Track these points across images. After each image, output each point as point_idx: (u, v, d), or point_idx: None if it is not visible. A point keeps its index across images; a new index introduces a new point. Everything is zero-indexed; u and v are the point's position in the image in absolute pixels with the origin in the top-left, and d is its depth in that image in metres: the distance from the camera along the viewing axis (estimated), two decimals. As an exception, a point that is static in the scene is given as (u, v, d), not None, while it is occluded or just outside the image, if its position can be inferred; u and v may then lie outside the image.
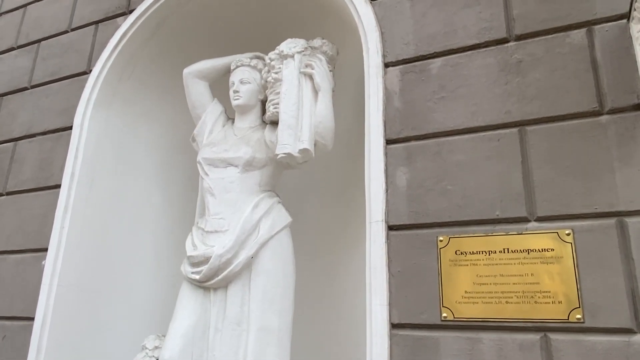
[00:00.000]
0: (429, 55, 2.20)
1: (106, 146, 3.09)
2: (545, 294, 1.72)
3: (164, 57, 3.26)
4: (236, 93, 2.79)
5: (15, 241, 3.01)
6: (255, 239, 2.43)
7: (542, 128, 1.90)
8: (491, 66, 2.06)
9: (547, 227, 1.80)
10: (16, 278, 2.92)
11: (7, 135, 3.39)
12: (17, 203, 3.12)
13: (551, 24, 2.01)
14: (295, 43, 2.68)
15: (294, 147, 2.47)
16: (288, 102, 2.54)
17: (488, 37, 2.11)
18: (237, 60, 2.87)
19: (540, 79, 1.96)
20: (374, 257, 2.01)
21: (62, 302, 2.73)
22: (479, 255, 1.85)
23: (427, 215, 1.99)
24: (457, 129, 2.04)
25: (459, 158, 2.00)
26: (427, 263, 1.93)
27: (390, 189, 2.09)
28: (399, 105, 2.20)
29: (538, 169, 1.86)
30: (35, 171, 3.13)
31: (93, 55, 3.24)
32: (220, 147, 2.70)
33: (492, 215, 1.88)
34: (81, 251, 2.86)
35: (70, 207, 2.85)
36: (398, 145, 2.14)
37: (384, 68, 2.29)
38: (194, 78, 2.91)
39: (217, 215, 2.54)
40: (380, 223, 2.04)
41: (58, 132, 3.14)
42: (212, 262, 2.38)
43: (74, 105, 3.12)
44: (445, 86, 2.12)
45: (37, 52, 3.56)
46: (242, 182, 2.59)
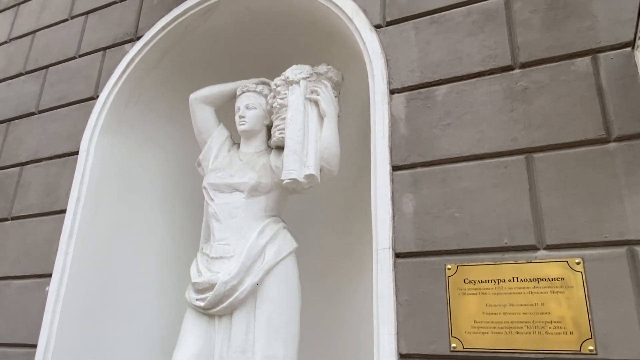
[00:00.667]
0: (434, 82, 2.22)
1: (111, 171, 3.10)
2: (556, 325, 1.70)
3: (170, 83, 3.30)
4: (242, 118, 2.81)
5: (20, 266, 3.00)
6: (261, 265, 2.42)
7: (549, 155, 1.90)
8: (496, 93, 2.07)
9: (556, 255, 1.78)
10: (19, 304, 2.90)
11: (14, 160, 3.40)
12: (22, 228, 3.12)
13: (556, 52, 2.02)
14: (300, 69, 2.70)
15: (299, 173, 2.48)
16: (294, 128, 2.55)
17: (493, 64, 2.12)
18: (243, 86, 2.90)
19: (546, 106, 1.96)
20: (381, 285, 1.99)
21: (66, 329, 2.70)
22: (488, 283, 1.83)
23: (435, 242, 1.97)
24: (464, 156, 2.04)
25: (465, 185, 2.00)
26: (435, 292, 1.90)
27: (397, 216, 2.08)
28: (405, 131, 2.20)
29: (546, 196, 1.85)
30: (41, 196, 3.14)
31: (100, 81, 3.27)
32: (225, 172, 2.71)
33: (500, 243, 1.86)
34: (85, 277, 2.84)
35: (75, 232, 2.85)
36: (404, 172, 2.14)
37: (390, 95, 2.30)
38: (200, 103, 2.94)
39: (223, 241, 2.53)
40: (387, 250, 2.03)
41: (64, 157, 3.16)
42: (217, 289, 2.36)
43: (81, 131, 3.14)
44: (450, 113, 2.13)
45: (45, 77, 3.60)
46: (247, 208, 2.59)
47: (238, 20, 3.13)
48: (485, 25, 2.19)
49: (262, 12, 3.07)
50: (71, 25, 3.69)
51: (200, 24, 3.14)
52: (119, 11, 3.47)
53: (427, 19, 2.35)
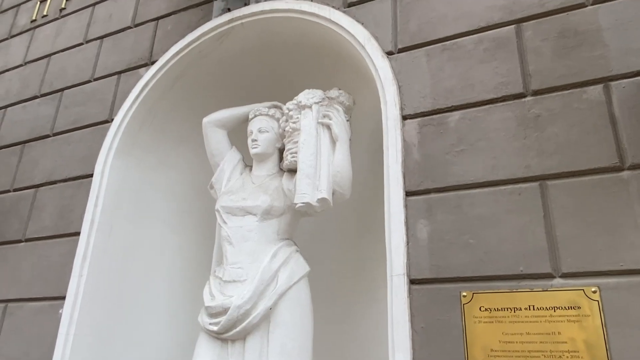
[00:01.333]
0: (446, 108, 2.25)
1: (125, 194, 3.14)
2: (573, 354, 1.69)
3: (183, 107, 3.35)
4: (254, 142, 2.84)
5: (33, 289, 3.02)
6: (274, 289, 2.42)
7: (563, 183, 1.91)
8: (509, 120, 2.09)
9: (572, 284, 1.78)
10: (33, 327, 2.91)
11: (28, 182, 3.45)
12: (37, 250, 3.15)
13: (567, 80, 2.05)
14: (312, 94, 2.74)
15: (312, 197, 2.50)
16: (306, 152, 2.58)
17: (505, 91, 2.15)
18: (255, 110, 2.93)
19: (559, 133, 1.98)
20: (396, 311, 1.99)
21: (79, 352, 2.71)
22: (504, 312, 1.83)
23: (450, 269, 1.97)
24: (478, 182, 2.05)
25: (480, 211, 2.01)
26: (451, 319, 1.90)
27: (411, 242, 2.09)
28: (418, 157, 2.23)
29: (561, 223, 1.86)
30: (55, 218, 3.17)
31: (115, 104, 3.33)
32: (238, 195, 2.73)
33: (516, 270, 1.87)
34: (98, 299, 2.86)
35: (89, 255, 2.87)
36: (418, 198, 2.15)
37: (402, 120, 2.33)
38: (213, 127, 2.97)
39: (236, 265, 2.54)
40: (401, 277, 2.03)
41: (79, 179, 3.20)
42: (230, 313, 2.36)
43: (95, 153, 3.19)
44: (464, 139, 2.15)
45: (60, 100, 3.66)
46: (260, 231, 2.60)
47: (250, 45, 3.19)
48: (497, 53, 2.23)
49: (274, 38, 3.13)
50: (86, 49, 3.77)
51: (213, 49, 3.21)
52: (133, 36, 3.54)
53: (439, 46, 2.39)
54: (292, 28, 3.00)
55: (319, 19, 2.80)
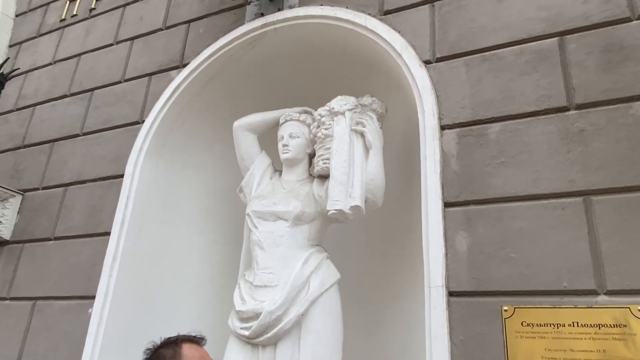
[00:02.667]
0: (486, 119, 2.23)
1: (155, 195, 3.16)
2: (620, 373, 1.67)
3: (213, 110, 3.36)
4: (285, 147, 2.84)
5: (63, 287, 3.04)
6: (306, 295, 2.42)
7: (609, 199, 1.89)
8: (552, 134, 2.08)
9: (617, 301, 1.76)
10: (62, 325, 2.93)
11: (58, 181, 3.48)
12: (66, 248, 3.17)
13: (613, 95, 2.03)
14: (346, 100, 2.74)
15: (345, 204, 2.49)
16: (339, 159, 2.58)
17: (547, 104, 2.13)
18: (286, 115, 2.94)
19: (604, 149, 1.96)
20: (435, 323, 1.98)
21: (107, 352, 2.72)
22: (547, 327, 1.81)
23: (490, 282, 1.96)
24: (519, 196, 2.04)
25: (521, 225, 1.99)
26: (491, 333, 1.89)
27: (450, 254, 2.08)
28: (457, 168, 2.22)
29: (606, 240, 1.84)
30: (85, 217, 3.19)
31: (146, 105, 3.35)
32: (269, 200, 2.73)
33: (559, 286, 1.85)
34: (127, 300, 2.87)
35: (119, 255, 2.89)
36: (457, 209, 2.14)
37: (440, 130, 2.33)
38: (244, 131, 2.98)
39: (267, 270, 2.54)
40: (440, 288, 2.02)
41: (109, 179, 3.22)
42: (262, 318, 2.36)
43: (126, 154, 3.21)
44: (504, 151, 2.14)
45: (90, 100, 3.69)
46: (291, 236, 2.60)
47: (283, 51, 3.20)
48: (539, 65, 2.21)
49: (307, 44, 3.13)
50: (116, 50, 3.80)
51: (245, 53, 3.22)
52: (165, 38, 3.56)
53: (479, 57, 2.38)
54: (326, 34, 3.00)
55: (354, 26, 2.80)
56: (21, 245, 3.40)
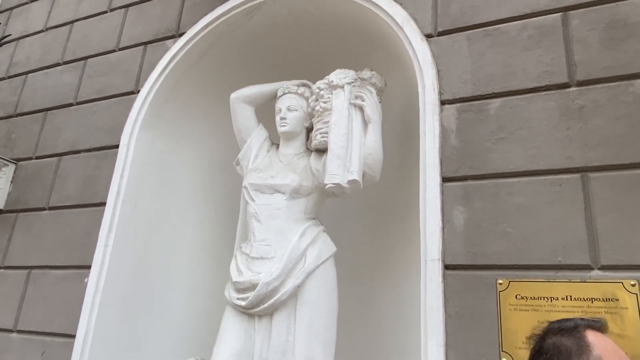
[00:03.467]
0: (487, 95, 2.23)
1: (150, 166, 3.14)
2: (610, 345, 1.71)
3: (210, 81, 3.32)
4: (283, 120, 2.82)
5: (58, 257, 3.04)
6: (302, 268, 2.44)
7: (606, 175, 1.91)
8: (552, 110, 2.08)
9: (611, 276, 1.79)
10: (57, 294, 2.94)
11: (52, 150, 3.44)
12: (61, 218, 3.16)
13: (614, 72, 2.02)
14: (345, 74, 2.71)
15: (343, 178, 2.49)
16: (338, 133, 2.56)
17: (548, 81, 2.13)
18: (284, 87, 2.91)
19: (603, 126, 1.97)
20: (430, 296, 2.01)
21: (104, 321, 2.74)
22: (541, 300, 1.84)
23: (486, 256, 1.99)
24: (517, 171, 2.05)
25: (518, 201, 2.01)
26: (486, 305, 1.92)
27: (447, 228, 2.10)
28: (456, 143, 2.22)
29: (602, 216, 1.86)
30: (80, 188, 3.17)
31: (141, 75, 3.29)
32: (266, 173, 2.73)
33: (554, 260, 1.88)
34: (123, 270, 2.88)
35: (114, 225, 2.89)
36: (455, 184, 2.15)
37: (440, 105, 2.32)
38: (241, 103, 2.95)
39: (263, 242, 2.56)
40: (436, 262, 2.05)
41: (104, 150, 3.19)
42: (259, 289, 2.39)
43: (121, 125, 3.17)
44: (504, 127, 2.14)
45: (83, 69, 3.62)
46: (288, 209, 2.61)
47: (281, 21, 3.14)
48: (542, 41, 2.20)
49: (306, 15, 3.08)
50: (110, 17, 3.71)
51: (242, 23, 3.16)
52: (160, 6, 3.49)
53: (481, 31, 2.35)
54: (325, 6, 2.95)
55: (355, -3, 2.75)
56: (15, 214, 3.38)
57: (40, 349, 2.83)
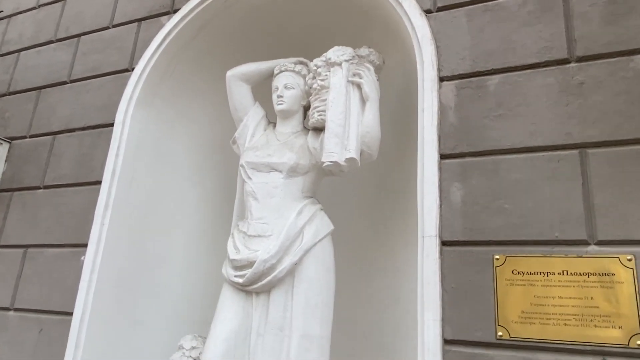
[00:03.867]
0: (486, 71, 2.21)
1: (146, 144, 3.11)
2: (605, 319, 1.73)
3: (205, 59, 3.27)
4: (280, 98, 2.80)
5: (54, 235, 3.03)
6: (299, 245, 2.44)
7: (604, 152, 1.90)
8: (551, 86, 2.06)
9: (607, 251, 1.80)
10: (54, 272, 2.94)
11: (46, 129, 3.40)
12: (56, 197, 3.14)
13: (614, 48, 2.01)
14: (343, 51, 2.68)
15: (340, 156, 2.48)
16: (335, 111, 2.54)
17: (548, 56, 2.11)
18: (281, 65, 2.87)
19: (602, 102, 1.96)
20: (427, 272, 2.02)
21: (101, 298, 2.75)
22: (537, 275, 1.86)
23: (483, 232, 1.99)
24: (515, 148, 2.04)
25: (516, 177, 2.01)
26: (482, 281, 1.93)
27: (444, 204, 2.10)
28: (454, 120, 2.20)
29: (599, 192, 1.87)
30: (75, 166, 3.15)
31: (135, 52, 3.25)
32: (263, 151, 2.71)
33: (551, 236, 1.88)
34: (119, 248, 2.88)
35: (110, 204, 2.87)
36: (452, 161, 2.15)
37: (439, 82, 2.30)
38: (238, 81, 2.92)
39: (261, 220, 2.55)
40: (433, 238, 2.05)
41: (99, 128, 3.16)
42: (256, 266, 2.39)
43: (115, 103, 3.13)
44: (503, 104, 2.13)
45: (77, 46, 3.57)
46: (285, 188, 2.60)
47: (278, -3, 3.09)
48: (542, 16, 2.17)
49: (303, -10, 3.03)
50: (104, -6, 3.64)
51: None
52: (155, -18, 3.42)
53: (481, 7, 2.32)
54: (322, -19, 2.91)
55: (353, -28, 2.71)
56: (10, 193, 3.35)
57: (37, 327, 2.84)
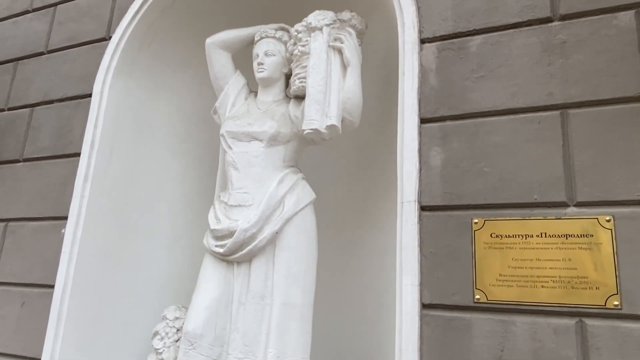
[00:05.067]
0: (468, 32, 2.15)
1: (125, 115, 3.05)
2: (583, 280, 1.72)
3: (184, 27, 3.18)
4: (260, 65, 2.73)
5: (34, 208, 2.99)
6: (280, 214, 2.42)
7: (585, 112, 1.86)
8: (533, 46, 2.01)
9: (586, 212, 1.78)
10: (35, 245, 2.91)
11: (24, 101, 3.33)
12: (35, 170, 3.08)
13: (597, 5, 1.95)
14: (323, 15, 2.60)
15: (321, 123, 2.43)
16: (316, 77, 2.48)
17: (531, 15, 2.05)
18: (261, 32, 2.80)
19: (584, 61, 1.91)
20: (406, 237, 1.99)
21: (82, 271, 2.72)
22: (515, 238, 1.83)
23: (462, 196, 1.96)
24: (496, 110, 2.00)
25: (497, 139, 1.97)
26: (460, 245, 1.91)
27: (424, 169, 2.06)
28: (435, 83, 2.15)
29: (579, 153, 1.83)
30: (54, 138, 3.09)
31: (112, 21, 3.15)
32: (244, 120, 2.66)
33: (530, 199, 1.86)
34: (101, 220, 2.84)
35: (90, 176, 2.82)
36: (433, 125, 2.10)
37: (420, 44, 2.24)
38: (217, 48, 2.85)
39: (241, 190, 2.52)
40: (412, 203, 2.02)
41: (76, 99, 3.09)
42: (236, 236, 2.37)
43: (93, 73, 3.06)
44: (484, 65, 2.07)
45: (53, 16, 3.47)
46: (266, 157, 2.56)
47: (258, -39, 2.99)
48: (525, -27, 2.10)
49: (284, -46, 2.93)
50: (79, -40, 3.52)
51: (218, -37, 3.01)
52: (131, -53, 3.30)
53: (463, -35, 2.24)
54: (302, -57, 2.80)
55: None
56: (-11, 167, 3.30)
57: (19, 300, 2.82)
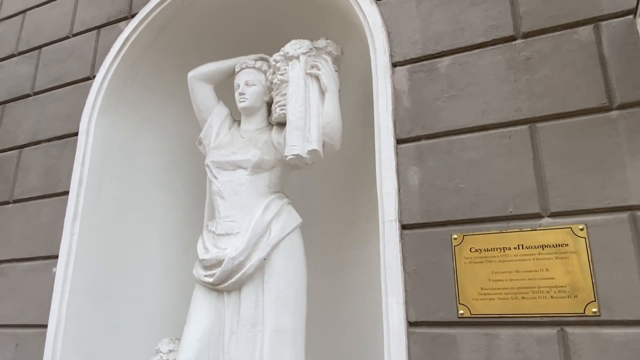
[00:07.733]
0: (436, 54, 2.22)
1: (112, 151, 3.10)
2: (561, 289, 1.75)
3: (167, 61, 3.26)
4: (242, 95, 2.79)
5: (25, 249, 3.01)
6: (267, 240, 2.45)
7: (553, 124, 1.92)
8: (500, 64, 2.08)
9: (560, 222, 1.82)
10: (27, 285, 2.92)
11: (12, 143, 3.38)
12: (25, 211, 3.12)
13: (558, 21, 2.03)
14: (300, 44, 2.68)
15: (302, 149, 2.49)
16: (295, 104, 2.55)
17: (495, 34, 2.12)
18: (241, 63, 2.87)
19: (549, 75, 1.98)
20: (389, 256, 2.03)
21: (75, 309, 2.74)
22: (494, 252, 1.87)
23: (441, 213, 2.00)
24: (468, 127, 2.06)
25: (470, 156, 2.02)
26: (442, 261, 1.95)
27: (403, 189, 2.11)
28: (408, 104, 2.21)
29: (550, 165, 1.88)
30: (42, 178, 3.13)
31: (96, 60, 3.23)
32: (228, 149, 2.71)
33: (505, 212, 1.90)
34: (91, 257, 2.86)
35: (79, 213, 2.86)
36: (409, 145, 2.16)
37: (392, 68, 2.31)
38: (199, 81, 2.91)
39: (228, 218, 2.55)
40: (393, 222, 2.06)
41: (64, 138, 3.14)
42: (225, 264, 2.39)
43: (79, 112, 3.12)
44: (454, 85, 2.14)
45: (38, 58, 3.54)
46: (251, 185, 2.60)
47: (235, -5, 3.09)
48: (488, -5, 2.18)
49: (259, -14, 3.03)
50: (62, 4, 3.62)
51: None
52: (111, -12, 3.40)
53: (429, -10, 2.33)
54: (276, -24, 2.90)
55: (304, -36, 2.71)
56: (-20, 210, 3.33)
57: (13, 342, 2.82)
